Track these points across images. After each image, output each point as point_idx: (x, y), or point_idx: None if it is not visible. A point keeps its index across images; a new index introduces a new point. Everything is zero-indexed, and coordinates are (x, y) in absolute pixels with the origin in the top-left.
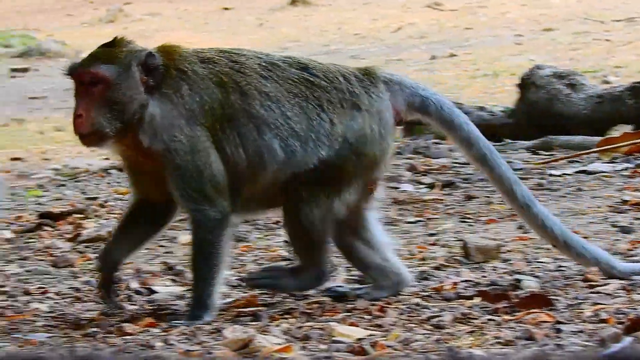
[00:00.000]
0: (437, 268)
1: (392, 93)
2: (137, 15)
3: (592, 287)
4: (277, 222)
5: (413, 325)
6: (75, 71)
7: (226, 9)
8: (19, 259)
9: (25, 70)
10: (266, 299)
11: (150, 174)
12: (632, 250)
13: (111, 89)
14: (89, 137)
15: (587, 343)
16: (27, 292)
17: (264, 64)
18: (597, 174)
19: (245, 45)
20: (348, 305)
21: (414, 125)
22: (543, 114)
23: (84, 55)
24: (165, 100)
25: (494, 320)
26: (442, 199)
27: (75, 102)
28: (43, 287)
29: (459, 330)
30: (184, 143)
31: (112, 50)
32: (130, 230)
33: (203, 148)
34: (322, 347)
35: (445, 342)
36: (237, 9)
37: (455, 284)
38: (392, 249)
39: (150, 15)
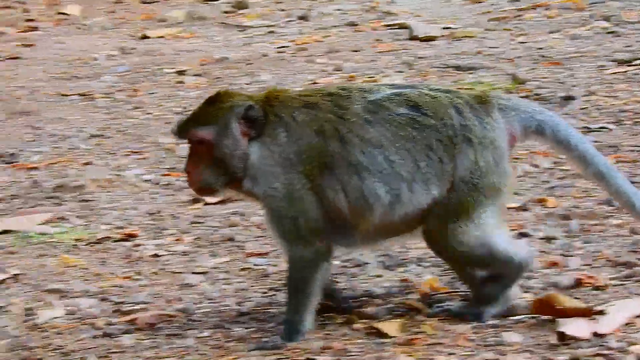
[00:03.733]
0: None
1: (507, 119)
2: None
3: None
4: None
5: None
6: (178, 133)
7: None
8: None
9: None
10: None
11: None
12: None
13: (213, 148)
14: (199, 191)
15: None
16: None
17: (370, 106)
18: None
19: None
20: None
21: None
22: None
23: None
24: (264, 148)
25: None
26: None
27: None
28: None
29: None
30: (280, 190)
31: (211, 109)
32: None
33: (298, 195)
34: None
35: None
36: None
37: None
38: None
39: None
